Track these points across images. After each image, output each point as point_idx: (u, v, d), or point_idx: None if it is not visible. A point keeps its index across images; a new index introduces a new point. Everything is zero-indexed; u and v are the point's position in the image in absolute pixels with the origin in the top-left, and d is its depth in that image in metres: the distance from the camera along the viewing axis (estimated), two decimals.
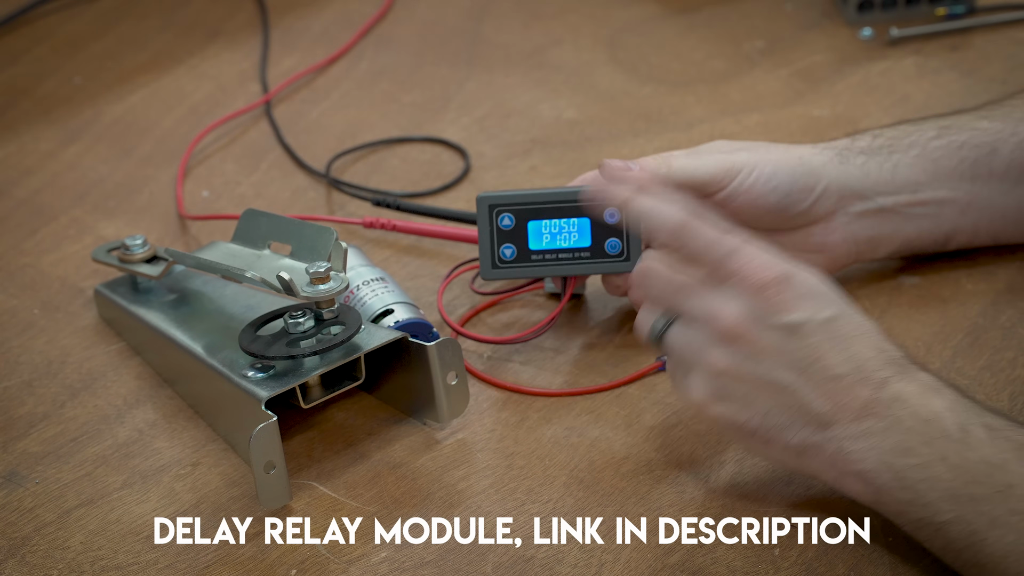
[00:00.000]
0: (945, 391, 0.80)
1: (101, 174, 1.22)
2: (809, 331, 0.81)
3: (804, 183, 0.97)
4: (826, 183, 0.98)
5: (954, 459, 0.77)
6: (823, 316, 0.82)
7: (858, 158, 1.00)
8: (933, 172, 1.00)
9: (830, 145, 1.01)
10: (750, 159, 0.97)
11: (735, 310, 0.83)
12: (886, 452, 0.79)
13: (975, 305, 1.01)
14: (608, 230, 0.97)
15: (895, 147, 1.00)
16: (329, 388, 0.92)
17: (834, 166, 0.99)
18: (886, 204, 0.99)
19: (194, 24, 1.45)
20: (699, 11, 1.42)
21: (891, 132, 1.02)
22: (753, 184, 0.96)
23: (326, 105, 1.30)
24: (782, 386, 0.82)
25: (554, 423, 0.93)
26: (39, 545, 0.86)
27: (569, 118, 1.27)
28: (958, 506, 0.77)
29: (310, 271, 0.90)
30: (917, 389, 0.80)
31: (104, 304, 1.04)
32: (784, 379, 0.82)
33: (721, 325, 0.83)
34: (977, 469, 0.77)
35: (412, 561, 0.84)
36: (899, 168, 1.00)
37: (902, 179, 0.99)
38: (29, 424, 0.96)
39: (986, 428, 0.78)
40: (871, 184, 0.99)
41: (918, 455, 0.78)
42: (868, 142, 1.01)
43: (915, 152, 1.00)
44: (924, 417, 0.78)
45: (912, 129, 1.02)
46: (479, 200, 0.97)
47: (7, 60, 1.39)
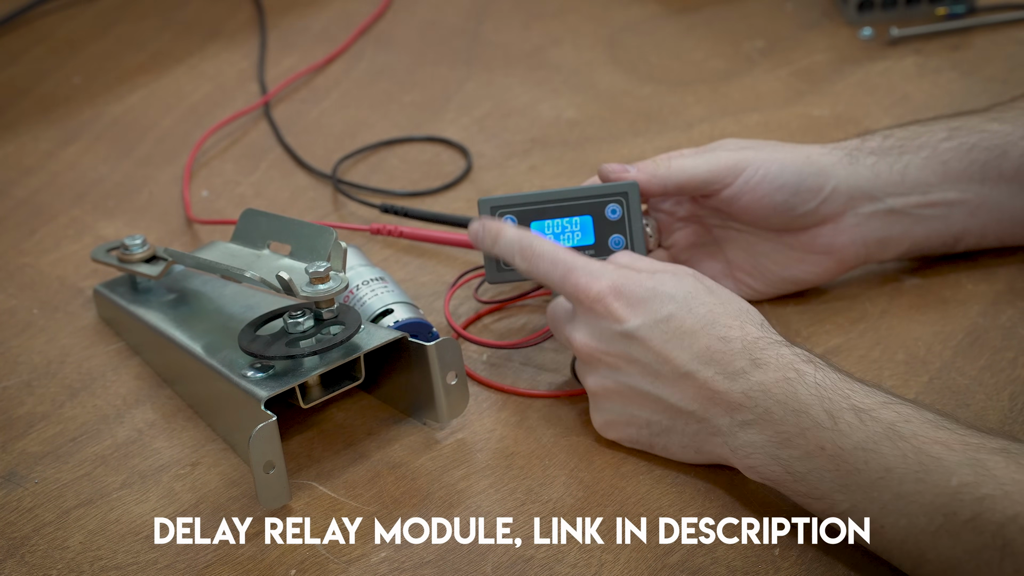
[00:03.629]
0: (805, 373, 0.81)
1: (101, 174, 1.22)
2: (647, 334, 0.85)
3: (812, 183, 0.97)
4: (835, 183, 0.98)
5: (830, 449, 0.79)
6: (659, 316, 0.85)
7: (868, 159, 0.99)
8: (943, 173, 1.00)
9: (840, 145, 1.00)
10: (756, 157, 0.97)
11: (580, 333, 0.88)
12: (767, 445, 0.81)
13: (975, 305, 1.00)
14: (611, 227, 0.97)
15: (905, 148, 1.00)
16: (329, 388, 0.92)
17: (844, 167, 0.99)
18: (896, 205, 0.99)
19: (193, 24, 1.45)
20: (699, 11, 1.42)
21: (901, 133, 1.02)
22: (759, 182, 0.96)
23: (326, 105, 1.30)
24: (645, 393, 0.86)
25: (554, 423, 0.93)
26: (38, 545, 0.86)
27: (569, 118, 1.26)
28: (850, 495, 0.78)
29: (309, 271, 0.90)
30: (776, 377, 0.81)
31: (103, 304, 1.04)
32: (644, 386, 0.86)
33: (575, 350, 0.89)
34: (855, 457, 0.78)
35: (412, 561, 0.84)
36: (909, 169, 0.99)
37: (912, 180, 0.99)
38: (28, 424, 0.96)
39: (854, 411, 0.79)
40: (881, 185, 0.99)
41: (797, 446, 0.80)
42: (878, 143, 1.01)
43: (925, 153, 1.00)
44: (792, 407, 0.80)
45: (922, 130, 1.02)
46: (481, 203, 0.97)
47: (7, 60, 1.39)
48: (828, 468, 0.79)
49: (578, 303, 0.88)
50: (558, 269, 0.89)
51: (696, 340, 0.84)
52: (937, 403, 0.92)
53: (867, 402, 0.79)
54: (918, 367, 0.95)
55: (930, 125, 1.02)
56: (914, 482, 0.75)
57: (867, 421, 0.78)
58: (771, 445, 0.81)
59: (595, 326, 0.87)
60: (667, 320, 0.85)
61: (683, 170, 0.96)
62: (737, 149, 0.98)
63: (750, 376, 0.82)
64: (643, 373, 0.86)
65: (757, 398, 0.81)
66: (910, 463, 0.76)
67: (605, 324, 0.86)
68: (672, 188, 0.96)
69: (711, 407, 0.84)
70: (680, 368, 0.84)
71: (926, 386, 0.94)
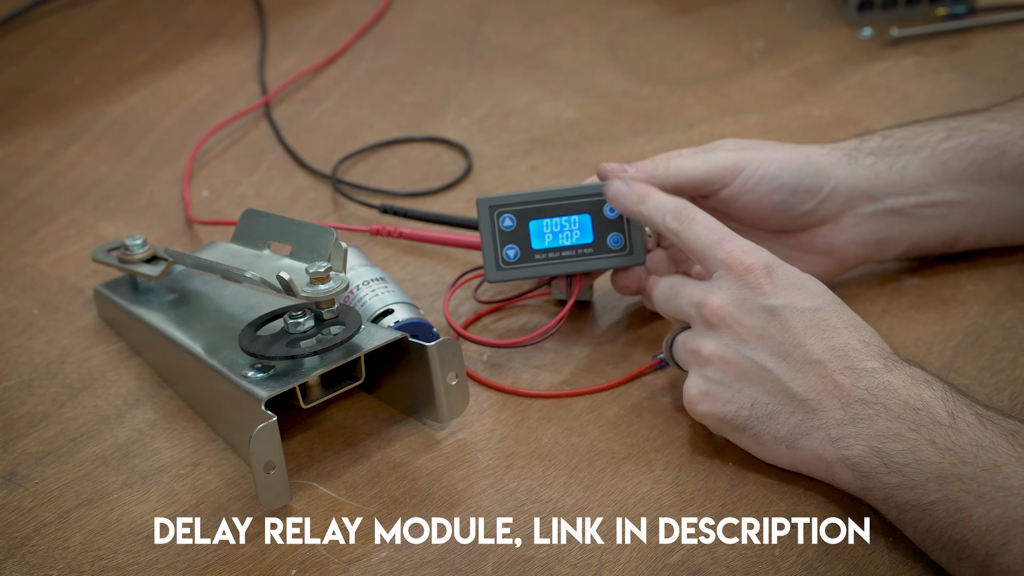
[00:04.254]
0: (935, 383, 0.82)
1: (101, 174, 1.22)
2: (790, 316, 0.85)
3: (811, 183, 0.97)
4: (834, 184, 0.98)
5: (942, 442, 0.79)
6: (807, 305, 0.85)
7: (867, 159, 1.00)
8: (942, 173, 1.00)
9: (839, 145, 1.01)
10: (755, 157, 0.97)
11: (720, 295, 0.87)
12: (874, 438, 0.81)
13: (975, 305, 1.00)
14: (609, 225, 0.98)
15: (904, 148, 1.00)
16: (329, 388, 0.92)
17: (843, 167, 0.99)
18: (895, 205, 0.99)
19: (194, 24, 1.45)
20: (699, 11, 1.42)
21: (901, 133, 1.02)
22: (758, 183, 0.96)
23: (326, 105, 1.31)
24: (766, 370, 0.85)
25: (554, 423, 0.93)
26: (39, 545, 0.86)
27: (569, 118, 1.27)
28: (945, 485, 0.78)
29: (310, 271, 0.90)
30: (906, 380, 0.82)
31: (104, 304, 1.04)
32: (767, 363, 0.85)
33: (707, 311, 0.87)
34: (965, 451, 0.78)
35: (412, 561, 0.84)
36: (908, 169, 0.99)
37: (911, 180, 0.99)
38: (29, 424, 0.96)
39: (976, 416, 0.80)
40: (880, 185, 0.99)
41: (905, 440, 0.80)
42: (878, 143, 1.01)
43: (924, 153, 1.00)
44: (913, 405, 0.81)
45: (922, 130, 1.02)
46: (479, 203, 0.97)
47: (7, 60, 1.39)
48: (933, 460, 0.79)
49: (728, 269, 0.87)
50: (714, 235, 0.88)
51: (837, 336, 0.84)
52: None
53: (989, 413, 0.80)
54: None
55: (929, 125, 1.02)
56: (1021, 478, 0.76)
57: (987, 424, 0.79)
58: (877, 439, 0.81)
59: (738, 292, 0.86)
60: (814, 311, 0.85)
61: (682, 170, 0.96)
62: (736, 149, 0.98)
63: (879, 376, 0.82)
64: (771, 351, 0.85)
65: (879, 395, 0.81)
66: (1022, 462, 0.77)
67: (750, 293, 0.86)
68: (671, 188, 0.96)
69: (828, 399, 0.83)
70: (812, 355, 0.83)
71: None
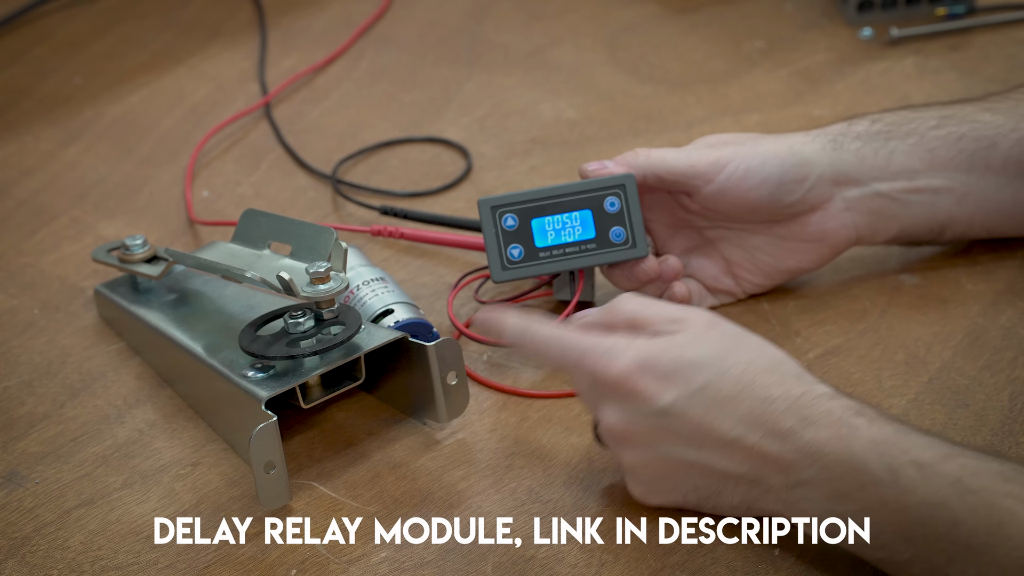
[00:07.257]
0: (858, 427, 0.77)
1: (101, 174, 1.22)
2: (683, 409, 0.80)
3: (795, 173, 0.97)
4: (819, 171, 0.98)
5: (893, 504, 0.75)
6: (693, 388, 0.80)
7: (853, 143, 0.99)
8: (929, 161, 1.00)
9: (825, 130, 1.00)
10: (737, 153, 0.97)
11: (610, 417, 0.82)
12: (824, 500, 0.78)
13: (975, 305, 1.00)
14: (610, 219, 0.98)
15: (893, 134, 1.00)
16: (329, 388, 0.92)
17: (826, 153, 0.99)
18: (882, 189, 0.99)
19: (194, 24, 1.45)
20: (699, 11, 1.42)
21: (891, 118, 1.02)
22: (742, 178, 0.96)
23: (326, 105, 1.31)
24: (689, 463, 0.81)
25: (554, 423, 0.93)
26: (39, 545, 0.87)
27: (569, 118, 1.27)
28: (913, 546, 0.75)
29: (310, 271, 0.90)
30: (828, 435, 0.77)
31: (104, 304, 1.04)
32: (687, 456, 0.81)
33: (605, 430, 0.83)
34: (919, 511, 0.75)
35: (412, 561, 0.84)
36: (895, 155, 0.99)
37: (898, 166, 0.99)
38: (29, 424, 0.96)
39: (915, 466, 0.75)
40: (866, 170, 0.99)
41: (856, 500, 0.77)
42: (865, 127, 1.01)
43: (913, 140, 1.00)
44: (849, 464, 0.76)
45: (913, 116, 1.01)
46: (480, 203, 0.97)
47: (7, 60, 1.39)
48: (891, 521, 0.75)
49: (601, 386, 0.82)
50: (570, 354, 0.83)
51: (738, 405, 0.79)
52: (937, 403, 0.92)
53: (927, 455, 0.75)
54: (918, 367, 0.95)
55: (921, 112, 1.02)
56: (986, 534, 0.73)
57: (930, 476, 0.75)
58: (827, 500, 0.77)
59: (624, 407, 0.81)
60: (702, 390, 0.79)
61: (663, 160, 0.96)
62: (718, 145, 0.98)
63: (801, 435, 0.77)
64: (686, 444, 0.80)
65: (812, 456, 0.77)
66: (980, 516, 0.73)
67: (633, 406, 0.80)
68: (651, 178, 0.96)
69: (763, 468, 0.79)
70: (725, 436, 0.79)
71: (926, 386, 0.94)
